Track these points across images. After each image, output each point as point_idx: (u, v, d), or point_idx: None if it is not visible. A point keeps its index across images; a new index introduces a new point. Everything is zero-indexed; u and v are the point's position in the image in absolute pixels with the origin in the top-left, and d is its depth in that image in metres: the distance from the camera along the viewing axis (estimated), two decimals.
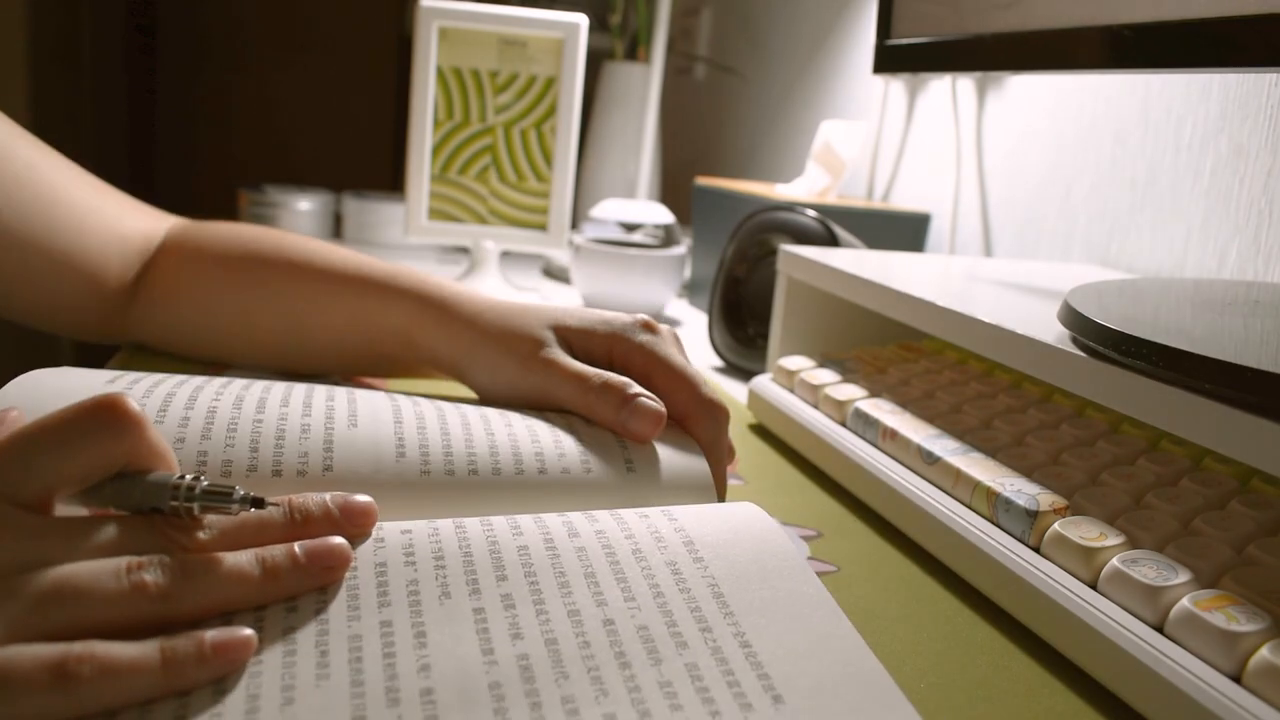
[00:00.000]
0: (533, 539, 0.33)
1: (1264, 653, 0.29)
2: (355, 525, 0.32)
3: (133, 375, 0.40)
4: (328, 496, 0.32)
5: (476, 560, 0.32)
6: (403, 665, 0.27)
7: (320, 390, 0.41)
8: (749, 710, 0.27)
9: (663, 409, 0.41)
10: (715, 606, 0.31)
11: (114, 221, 0.57)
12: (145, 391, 0.38)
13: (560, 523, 0.34)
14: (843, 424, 0.52)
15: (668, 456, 0.41)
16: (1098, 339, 0.40)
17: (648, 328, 0.46)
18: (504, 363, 0.46)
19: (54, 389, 0.37)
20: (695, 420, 0.43)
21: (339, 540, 0.31)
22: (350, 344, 0.54)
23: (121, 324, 0.59)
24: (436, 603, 0.30)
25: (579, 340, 0.46)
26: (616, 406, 0.41)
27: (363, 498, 0.33)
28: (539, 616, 0.29)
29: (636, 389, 0.41)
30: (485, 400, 0.47)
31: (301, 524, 0.31)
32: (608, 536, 0.33)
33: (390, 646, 0.28)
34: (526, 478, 0.38)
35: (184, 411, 0.37)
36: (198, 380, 0.40)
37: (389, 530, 0.33)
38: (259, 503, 0.30)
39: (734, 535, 0.34)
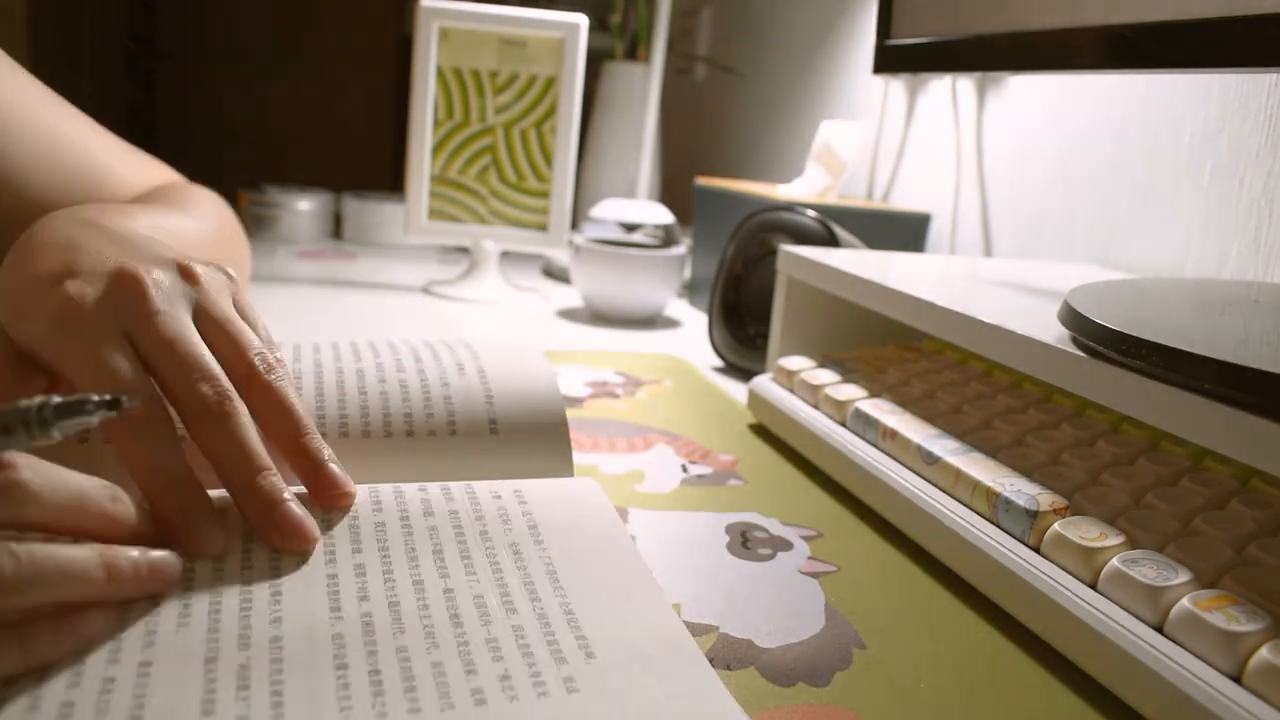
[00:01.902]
0: (390, 515, 0.35)
1: (1264, 653, 0.29)
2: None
3: None
4: (135, 553, 0.29)
5: (335, 533, 0.34)
6: (256, 618, 0.30)
7: None
8: (562, 663, 0.29)
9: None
10: (548, 582, 0.33)
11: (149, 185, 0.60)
12: None
13: (419, 500, 0.36)
14: (843, 424, 0.52)
15: (527, 418, 0.42)
16: (1098, 339, 0.40)
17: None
18: None
19: None
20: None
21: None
22: None
23: None
24: (294, 568, 0.32)
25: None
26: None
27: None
28: (385, 584, 0.32)
29: None
30: None
31: (130, 519, 0.30)
32: (459, 517, 0.36)
33: (248, 604, 0.30)
34: (395, 440, 0.40)
35: None
36: None
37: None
38: (115, 403, 0.29)
39: (575, 520, 0.37)
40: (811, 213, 0.74)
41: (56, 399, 0.28)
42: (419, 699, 0.27)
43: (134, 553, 0.29)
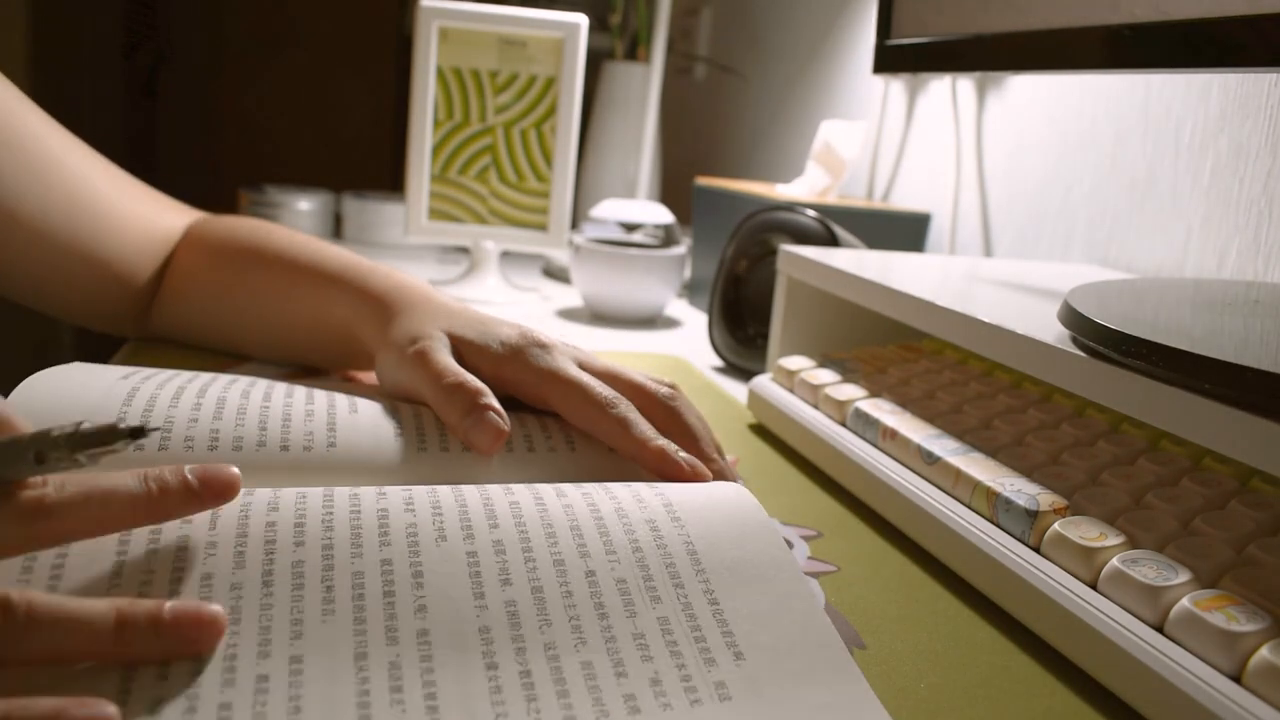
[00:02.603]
0: (523, 495, 0.35)
1: (1264, 653, 0.29)
2: (215, 495, 0.30)
3: (146, 371, 0.42)
4: (187, 467, 0.30)
5: (471, 511, 0.33)
6: (401, 605, 0.29)
7: (320, 391, 0.43)
8: (712, 665, 0.29)
9: (506, 426, 0.39)
10: (689, 563, 0.32)
11: (151, 225, 0.59)
12: (158, 385, 0.40)
13: (550, 487, 0.36)
14: (843, 424, 0.52)
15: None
16: (1098, 339, 0.40)
17: (540, 345, 0.43)
18: (388, 356, 0.45)
19: (68, 387, 0.38)
20: (597, 428, 0.40)
21: (212, 609, 0.27)
22: (311, 338, 0.55)
23: (146, 318, 0.61)
24: (433, 544, 0.31)
25: (471, 353, 0.44)
26: (463, 412, 0.39)
27: (231, 469, 0.30)
28: (527, 564, 0.31)
29: (488, 400, 0.40)
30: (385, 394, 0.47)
31: (157, 495, 0.29)
32: (592, 496, 0.35)
33: (390, 585, 0.29)
34: (515, 455, 0.40)
35: (196, 399, 0.39)
36: (206, 376, 0.42)
37: (390, 489, 0.35)
38: (140, 431, 0.28)
39: (709, 500, 0.36)
40: (811, 213, 0.74)
41: (88, 425, 0.28)
42: (572, 705, 0.27)
43: (156, 604, 0.26)
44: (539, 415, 0.43)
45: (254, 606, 0.28)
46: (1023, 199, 0.87)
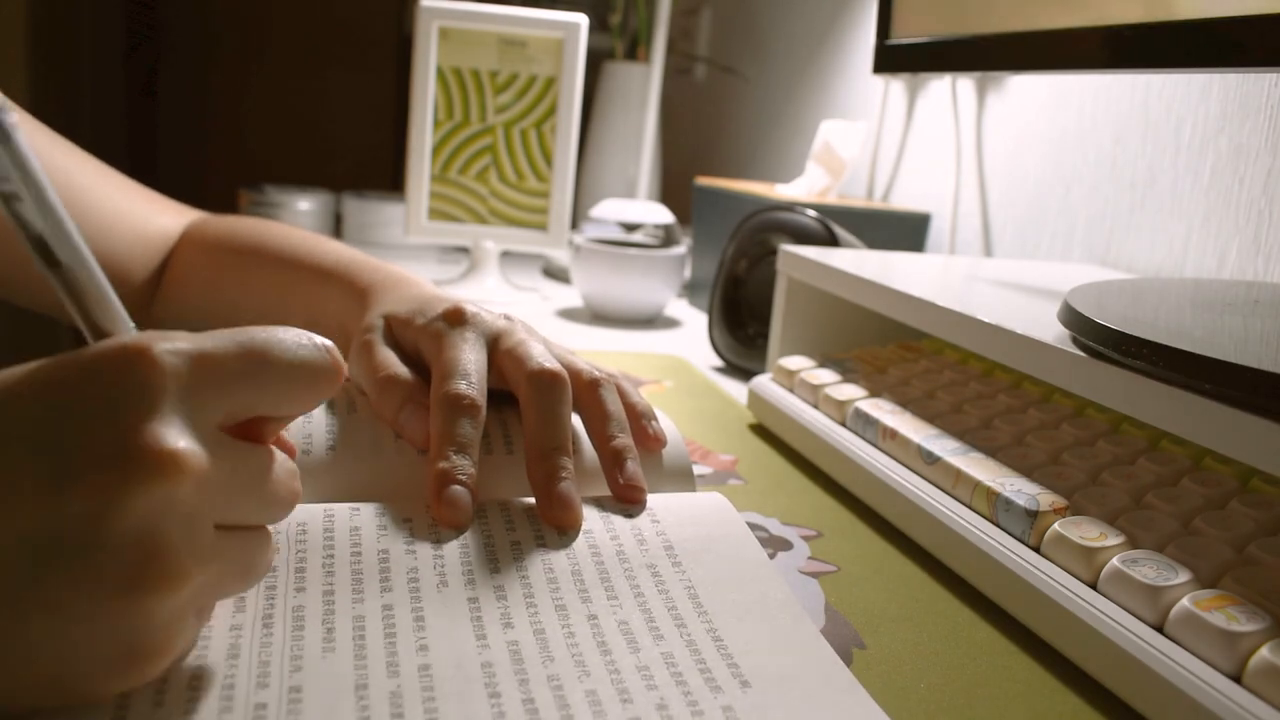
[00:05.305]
0: (524, 536, 0.35)
1: (1264, 653, 0.29)
2: None
3: None
4: None
5: (473, 554, 0.33)
6: (403, 643, 0.29)
7: None
8: (718, 692, 0.28)
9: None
10: (691, 606, 0.33)
11: (142, 223, 0.59)
12: None
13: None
14: (843, 424, 0.52)
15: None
16: (1098, 339, 0.40)
17: (448, 317, 0.42)
18: (350, 348, 0.45)
19: None
20: (432, 408, 0.39)
21: None
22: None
23: (144, 317, 0.61)
24: (434, 590, 0.31)
25: (398, 327, 0.43)
26: (397, 407, 0.39)
27: None
28: (529, 609, 0.31)
29: (422, 396, 0.39)
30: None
31: None
32: (594, 537, 0.35)
33: (391, 627, 0.29)
34: (516, 458, 0.40)
35: None
36: None
37: (392, 518, 0.34)
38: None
39: (710, 541, 0.36)
40: (811, 213, 0.74)
41: None
42: None
43: None
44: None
45: (253, 644, 0.28)
46: (1023, 199, 0.87)
